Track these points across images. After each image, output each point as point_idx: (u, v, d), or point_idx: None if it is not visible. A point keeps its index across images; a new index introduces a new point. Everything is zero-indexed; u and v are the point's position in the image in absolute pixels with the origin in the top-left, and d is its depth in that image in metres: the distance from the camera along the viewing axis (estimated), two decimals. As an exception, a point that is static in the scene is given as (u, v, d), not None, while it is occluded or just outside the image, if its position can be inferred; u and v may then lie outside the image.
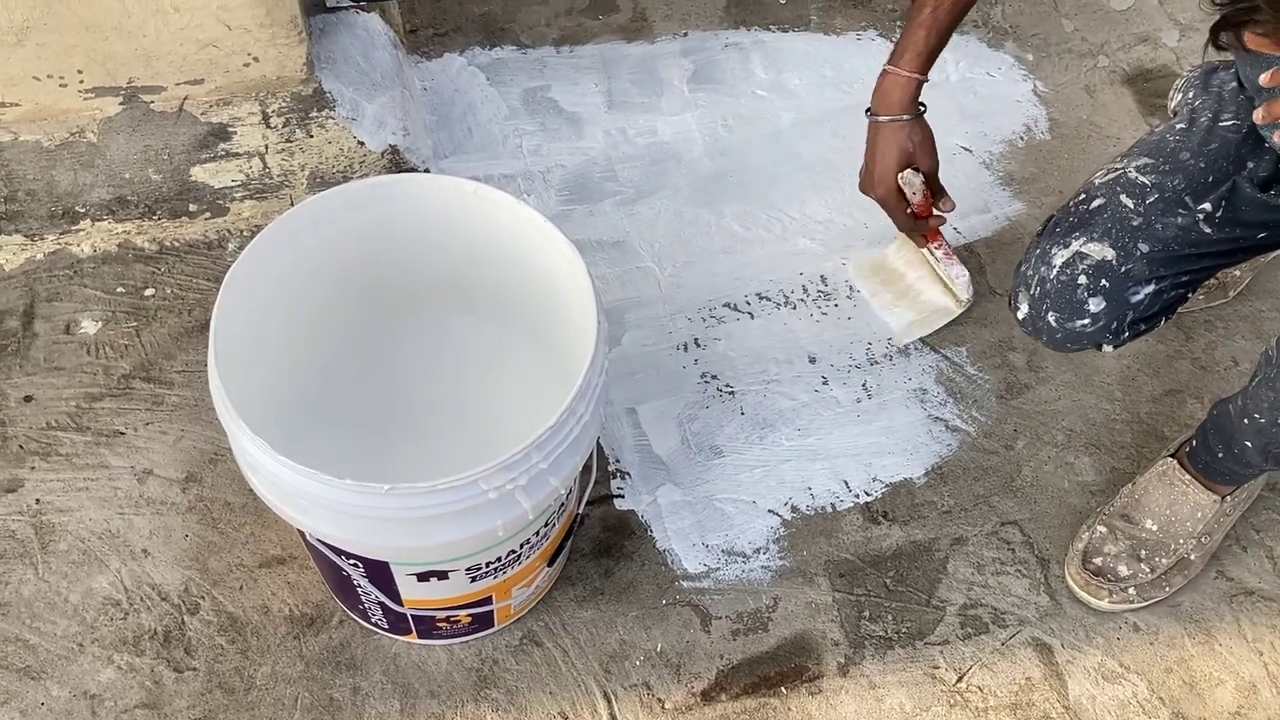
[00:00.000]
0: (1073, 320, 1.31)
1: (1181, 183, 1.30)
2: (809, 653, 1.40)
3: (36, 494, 1.46)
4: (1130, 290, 1.28)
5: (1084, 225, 1.31)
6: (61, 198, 1.63)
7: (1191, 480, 1.43)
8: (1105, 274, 1.28)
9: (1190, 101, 1.40)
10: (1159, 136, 1.37)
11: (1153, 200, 1.30)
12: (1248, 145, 1.31)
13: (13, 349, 1.58)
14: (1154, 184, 1.31)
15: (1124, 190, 1.31)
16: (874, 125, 1.46)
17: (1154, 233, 1.28)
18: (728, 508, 1.51)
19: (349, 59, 1.70)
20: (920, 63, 1.40)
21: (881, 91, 1.44)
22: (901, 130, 1.44)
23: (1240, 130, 1.32)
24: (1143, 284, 1.29)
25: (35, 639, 1.36)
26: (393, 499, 1.02)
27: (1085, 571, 1.43)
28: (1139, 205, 1.30)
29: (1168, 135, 1.36)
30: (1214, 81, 1.40)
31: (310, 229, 1.21)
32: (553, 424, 1.06)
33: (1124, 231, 1.29)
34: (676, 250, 1.75)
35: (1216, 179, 1.30)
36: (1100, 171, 1.37)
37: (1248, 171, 1.30)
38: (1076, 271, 1.29)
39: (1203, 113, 1.35)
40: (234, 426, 1.05)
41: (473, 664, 1.37)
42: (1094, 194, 1.33)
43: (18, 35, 1.45)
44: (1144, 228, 1.29)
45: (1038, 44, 2.03)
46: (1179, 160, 1.32)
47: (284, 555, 1.43)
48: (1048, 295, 1.31)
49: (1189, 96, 1.41)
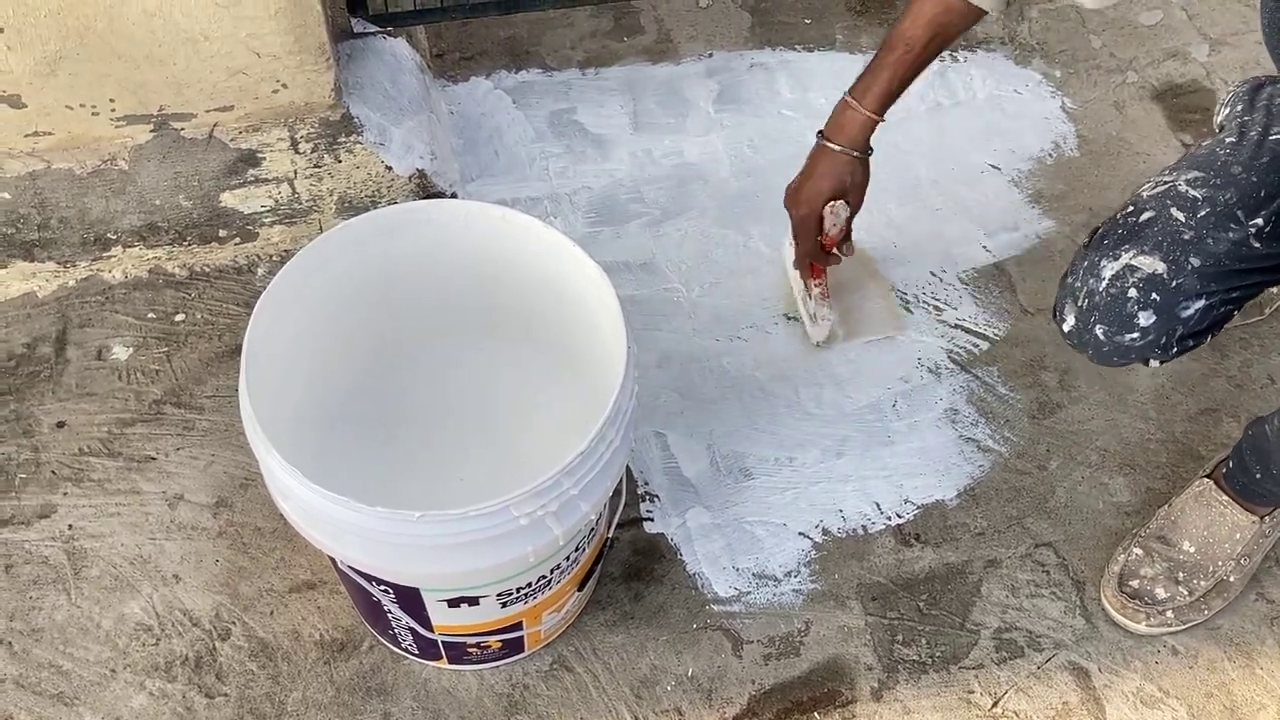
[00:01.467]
0: (1121, 334, 1.28)
1: (1233, 197, 1.27)
2: (842, 677, 1.39)
3: (69, 520, 1.47)
4: (1181, 305, 1.25)
5: (1134, 238, 1.28)
6: (93, 225, 1.64)
7: (1229, 501, 1.41)
8: (1156, 288, 1.25)
9: (1238, 115, 1.38)
10: (1208, 150, 1.34)
11: (1204, 214, 1.27)
12: None
13: (45, 375, 1.59)
14: (1205, 198, 1.28)
15: (1174, 203, 1.29)
16: (821, 148, 1.46)
17: (1205, 247, 1.26)
18: (758, 530, 1.50)
19: (376, 84, 1.71)
20: (880, 104, 1.40)
21: (838, 121, 1.44)
22: (847, 164, 1.45)
23: None
24: (1193, 299, 1.25)
25: (68, 665, 1.36)
26: (424, 526, 1.01)
27: (1122, 594, 1.41)
28: (1190, 219, 1.27)
29: (1217, 149, 1.34)
30: (1261, 96, 1.38)
31: (340, 255, 1.22)
32: (583, 449, 1.05)
33: (1175, 245, 1.26)
34: (703, 271, 1.75)
35: (1269, 194, 1.28)
36: (1148, 185, 1.34)
37: None
38: (1127, 284, 1.26)
39: (1252, 127, 1.34)
40: (266, 454, 1.05)
41: (503, 689, 1.36)
42: (1143, 207, 1.31)
43: (51, 65, 1.47)
44: (1195, 241, 1.26)
45: (1065, 60, 2.02)
46: (1230, 174, 1.29)
47: (314, 580, 1.43)
48: (1096, 308, 1.28)
49: (1236, 110, 1.40)
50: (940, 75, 2.00)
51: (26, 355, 1.61)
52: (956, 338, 1.69)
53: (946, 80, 1.99)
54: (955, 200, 1.85)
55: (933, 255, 1.77)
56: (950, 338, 1.69)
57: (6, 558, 1.43)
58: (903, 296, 1.73)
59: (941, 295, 1.73)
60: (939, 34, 1.36)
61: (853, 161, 1.44)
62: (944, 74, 2.00)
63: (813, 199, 1.47)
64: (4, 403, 1.56)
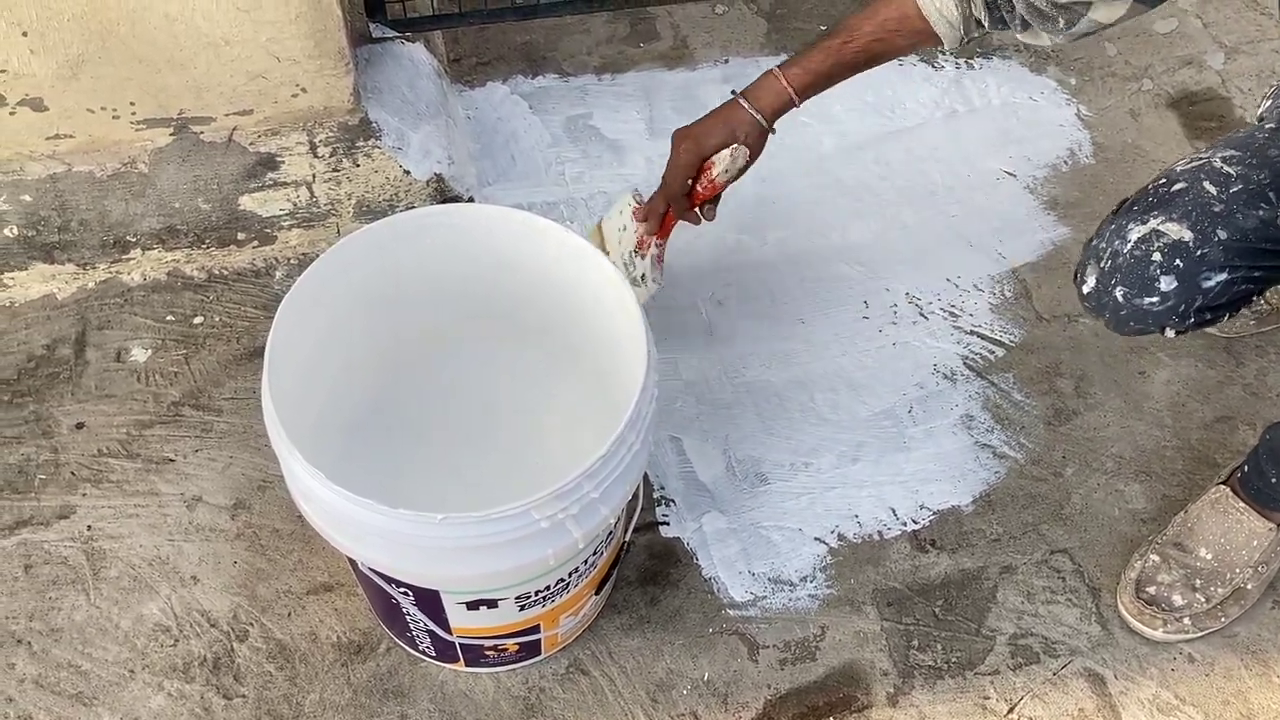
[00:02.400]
0: (1141, 297, 1.26)
1: (1267, 178, 1.27)
2: (857, 682, 1.39)
3: (88, 520, 1.47)
4: (1204, 274, 1.24)
5: (1164, 205, 1.27)
6: (113, 227, 1.65)
7: (1246, 508, 1.41)
8: (1180, 254, 1.24)
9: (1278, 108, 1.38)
10: (1247, 133, 1.34)
11: (1236, 190, 1.26)
12: None
13: (65, 376, 1.60)
14: (1239, 175, 1.27)
15: (1208, 177, 1.28)
16: (733, 103, 1.38)
17: (1235, 221, 1.25)
18: (774, 535, 1.50)
19: (394, 89, 1.72)
20: (803, 83, 1.34)
21: (760, 86, 1.37)
22: (750, 124, 1.37)
23: None
24: (1217, 270, 1.24)
25: (87, 665, 1.37)
26: (446, 528, 1.02)
27: (1139, 601, 1.41)
28: (1222, 193, 1.26)
29: (1256, 133, 1.33)
30: None
31: (361, 259, 1.22)
32: (604, 453, 1.06)
33: (1204, 216, 1.25)
34: (719, 277, 1.75)
35: None
36: (1183, 160, 1.33)
37: None
38: (1151, 248, 1.25)
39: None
40: (289, 456, 1.06)
41: (519, 692, 1.36)
42: (1176, 178, 1.30)
43: (73, 69, 1.48)
44: (1225, 215, 1.25)
45: (1081, 68, 2.02)
46: (1267, 156, 1.29)
47: (332, 582, 1.43)
48: (1119, 269, 1.27)
49: (1279, 103, 1.40)
50: (956, 82, 2.00)
51: (46, 357, 1.62)
52: (972, 344, 1.69)
53: (962, 87, 2.00)
54: (970, 206, 1.85)
55: (948, 261, 1.78)
56: (966, 344, 1.69)
57: (26, 558, 1.44)
58: (918, 302, 1.73)
59: (957, 301, 1.73)
60: (884, 39, 1.31)
61: (756, 125, 1.36)
62: (959, 81, 2.00)
63: (701, 142, 1.39)
64: (24, 404, 1.57)
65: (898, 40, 1.32)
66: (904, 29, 1.30)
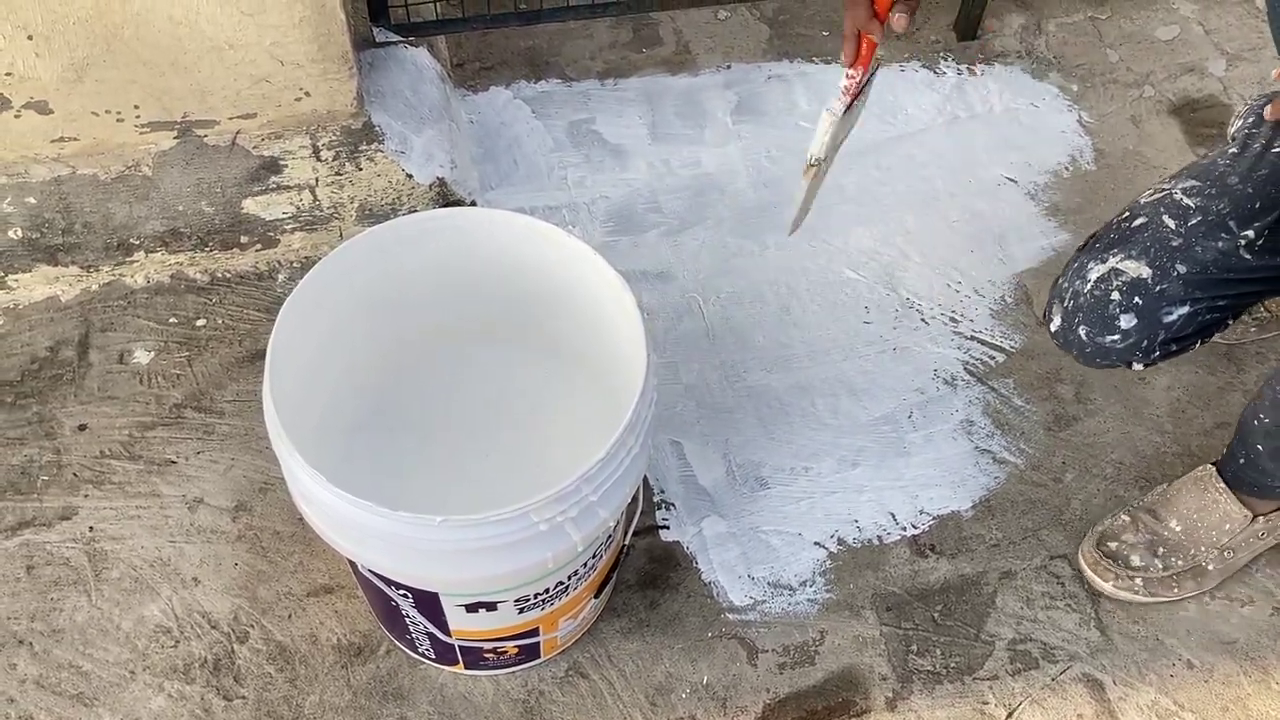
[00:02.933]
0: (1103, 335, 1.30)
1: (1226, 207, 1.29)
2: (856, 687, 1.39)
3: (90, 521, 1.48)
4: (1164, 310, 1.27)
5: (1123, 242, 1.30)
6: (117, 230, 1.66)
7: (1225, 490, 1.42)
8: (1139, 291, 1.28)
9: (1248, 127, 1.39)
10: (1210, 160, 1.36)
11: (1195, 222, 1.29)
12: None
13: (68, 378, 1.60)
14: (1198, 206, 1.30)
15: (1167, 211, 1.31)
16: None
17: (1193, 255, 1.27)
18: (773, 540, 1.50)
19: (398, 93, 1.72)
20: None
21: None
22: None
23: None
24: (1177, 304, 1.27)
25: (88, 665, 1.37)
26: (445, 531, 1.02)
27: (1097, 552, 1.45)
28: (1180, 226, 1.29)
29: (1218, 159, 1.35)
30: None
31: (363, 263, 1.23)
32: (602, 456, 1.06)
33: (1162, 251, 1.28)
34: (721, 282, 1.76)
35: (1264, 205, 1.29)
36: (1147, 191, 1.36)
37: None
38: (1110, 287, 1.29)
39: (1257, 139, 1.35)
40: (289, 458, 1.06)
41: (519, 695, 1.37)
42: (1137, 213, 1.33)
43: (78, 72, 1.48)
44: (1183, 249, 1.28)
45: (1082, 74, 2.03)
46: (1226, 184, 1.31)
47: (332, 584, 1.44)
48: (1081, 309, 1.31)
49: (1248, 123, 1.41)
50: (958, 88, 2.00)
51: (49, 358, 1.62)
52: (973, 349, 1.69)
53: (964, 93, 2.00)
54: (972, 212, 1.85)
55: (949, 267, 1.78)
56: (966, 349, 1.69)
57: (28, 558, 1.45)
58: (919, 308, 1.73)
59: (958, 307, 1.73)
60: None
61: None
62: (961, 87, 2.01)
63: None
64: (27, 405, 1.58)
65: None
66: None
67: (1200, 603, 1.45)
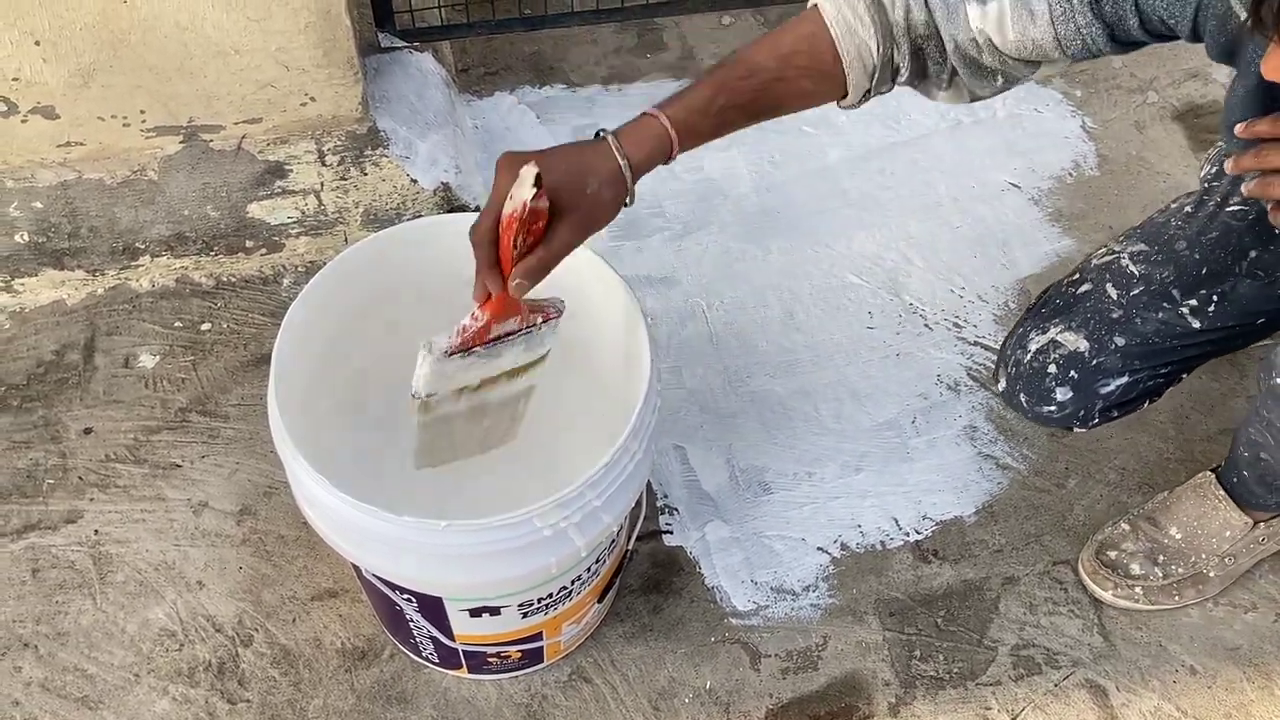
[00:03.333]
0: (1040, 405, 1.34)
1: (1171, 275, 1.30)
2: (859, 692, 1.39)
3: (95, 525, 1.48)
4: (1100, 382, 1.30)
5: (1066, 311, 1.33)
6: (122, 234, 1.66)
7: (1225, 497, 1.42)
8: (1075, 365, 1.30)
9: (1209, 179, 1.40)
10: (1164, 219, 1.36)
11: (1137, 292, 1.30)
12: (1253, 232, 1.28)
13: (74, 382, 1.61)
14: (1142, 275, 1.31)
15: (1112, 279, 1.32)
16: (599, 144, 1.03)
17: (1133, 327, 1.29)
18: (776, 545, 1.51)
19: (403, 98, 1.73)
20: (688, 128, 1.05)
21: (635, 129, 1.04)
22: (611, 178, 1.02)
23: (1248, 216, 1.29)
24: (1114, 376, 1.30)
25: (93, 669, 1.37)
26: (449, 535, 1.03)
27: (1096, 560, 1.45)
28: (1122, 297, 1.30)
29: (1172, 219, 1.35)
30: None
31: (368, 267, 1.23)
32: (607, 461, 1.06)
33: (1101, 324, 1.30)
34: (724, 286, 1.76)
35: (1210, 273, 1.29)
36: (1100, 250, 1.38)
37: (1249, 260, 1.28)
38: (1048, 360, 1.31)
39: (1214, 194, 1.33)
40: (293, 462, 1.07)
41: (522, 699, 1.37)
42: (1085, 277, 1.35)
43: (84, 77, 1.49)
44: (1123, 320, 1.29)
45: (1086, 80, 2.03)
46: (1173, 250, 1.31)
47: (336, 588, 1.44)
48: (1020, 377, 1.34)
49: (1210, 173, 1.41)
50: (961, 94, 2.01)
51: (55, 362, 1.63)
52: (975, 355, 1.69)
53: (967, 99, 2.00)
54: (975, 218, 1.85)
55: (952, 273, 1.78)
56: (969, 355, 1.69)
57: (34, 562, 1.45)
58: (922, 313, 1.74)
59: (961, 313, 1.74)
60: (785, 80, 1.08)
61: (617, 178, 1.02)
62: (965, 92, 2.01)
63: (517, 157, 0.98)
64: (32, 409, 1.58)
65: (802, 83, 1.09)
66: (813, 67, 1.09)
67: (1203, 608, 1.45)
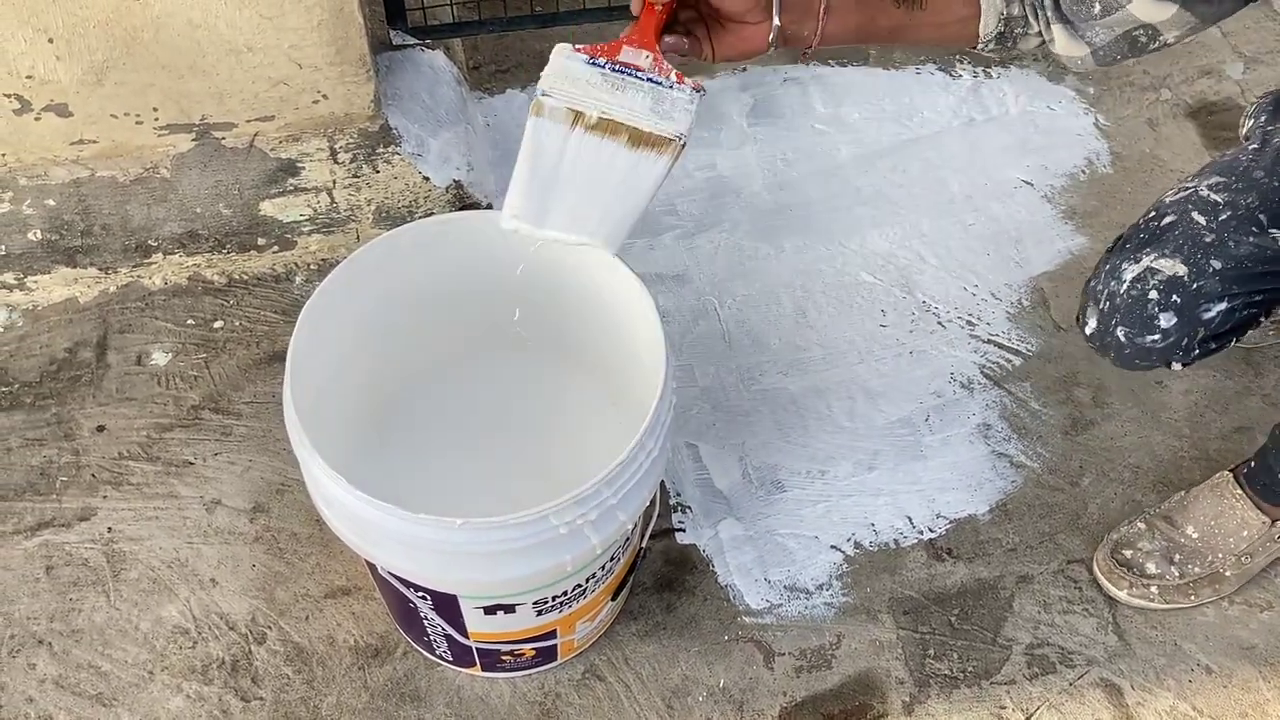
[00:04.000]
0: (1143, 335, 1.27)
1: (1255, 200, 1.27)
2: (873, 691, 1.39)
3: (108, 522, 1.48)
4: (1203, 307, 1.25)
5: (1155, 241, 1.28)
6: (135, 232, 1.66)
7: (1243, 496, 1.42)
8: (1177, 289, 1.25)
9: (1262, 125, 1.38)
10: (1231, 157, 1.35)
11: (1225, 217, 1.27)
12: None
13: (86, 379, 1.61)
14: (1227, 201, 1.28)
15: (1196, 208, 1.29)
16: None
17: (1227, 250, 1.25)
18: (790, 543, 1.50)
19: (414, 95, 1.73)
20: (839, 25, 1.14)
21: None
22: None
23: None
24: (1215, 301, 1.25)
25: (107, 666, 1.38)
26: (466, 533, 1.02)
27: (1112, 560, 1.44)
28: (1211, 222, 1.27)
29: (1240, 155, 1.34)
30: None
31: (381, 265, 1.23)
32: (623, 459, 1.06)
33: (1196, 248, 1.26)
34: (736, 284, 1.76)
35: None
36: (1171, 190, 1.34)
37: None
38: (1148, 286, 1.26)
39: (1276, 134, 1.33)
40: (310, 460, 1.06)
41: (535, 697, 1.37)
42: (1165, 211, 1.31)
43: (98, 75, 1.49)
44: (1217, 244, 1.26)
45: (1099, 77, 2.02)
46: (1252, 178, 1.29)
47: (349, 586, 1.44)
48: (1117, 310, 1.28)
49: (1260, 121, 1.40)
50: (973, 91, 2.00)
51: (68, 360, 1.63)
52: (989, 353, 1.69)
53: (979, 96, 2.00)
54: (988, 215, 1.85)
55: (965, 270, 1.78)
56: (983, 353, 1.69)
57: (47, 559, 1.45)
58: (935, 311, 1.73)
59: (974, 310, 1.73)
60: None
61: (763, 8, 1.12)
62: (977, 89, 2.00)
63: None
64: (45, 406, 1.58)
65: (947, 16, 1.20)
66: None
67: (1219, 608, 1.45)
